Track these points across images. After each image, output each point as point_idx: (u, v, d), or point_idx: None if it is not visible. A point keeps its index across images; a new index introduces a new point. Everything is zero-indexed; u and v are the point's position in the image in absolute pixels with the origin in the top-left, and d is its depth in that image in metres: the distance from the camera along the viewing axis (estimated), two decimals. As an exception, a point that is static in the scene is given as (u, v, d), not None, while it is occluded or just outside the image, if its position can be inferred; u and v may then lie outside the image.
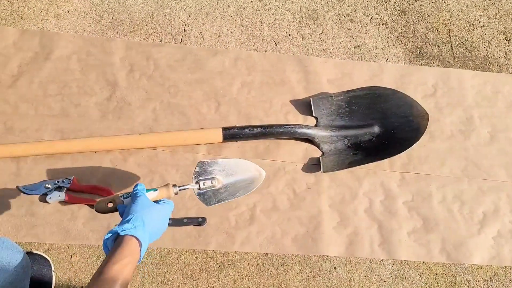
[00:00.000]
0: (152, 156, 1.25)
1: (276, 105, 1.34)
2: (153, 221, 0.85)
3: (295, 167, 1.27)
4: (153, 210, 0.87)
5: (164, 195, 0.97)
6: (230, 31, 1.44)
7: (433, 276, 1.19)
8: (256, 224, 1.20)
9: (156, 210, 0.88)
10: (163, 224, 0.89)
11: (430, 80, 1.41)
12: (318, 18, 1.48)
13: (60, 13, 1.41)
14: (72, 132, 1.26)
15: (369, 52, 1.44)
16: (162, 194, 0.97)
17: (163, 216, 0.90)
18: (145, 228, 0.81)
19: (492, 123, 1.37)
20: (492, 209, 1.26)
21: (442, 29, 1.50)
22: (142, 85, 1.33)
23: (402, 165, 1.29)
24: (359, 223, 1.22)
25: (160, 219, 0.88)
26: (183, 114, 1.31)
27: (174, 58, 1.37)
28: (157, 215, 0.87)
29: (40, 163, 1.21)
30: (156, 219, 0.86)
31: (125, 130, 1.27)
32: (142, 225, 0.81)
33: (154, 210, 0.88)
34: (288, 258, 1.19)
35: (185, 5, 1.46)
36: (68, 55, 1.35)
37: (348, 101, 1.33)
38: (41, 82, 1.31)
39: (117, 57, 1.36)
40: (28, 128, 1.25)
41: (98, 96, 1.31)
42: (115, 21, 1.42)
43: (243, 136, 1.24)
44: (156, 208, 0.89)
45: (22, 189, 1.17)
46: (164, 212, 0.91)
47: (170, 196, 0.98)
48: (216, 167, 1.06)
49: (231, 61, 1.39)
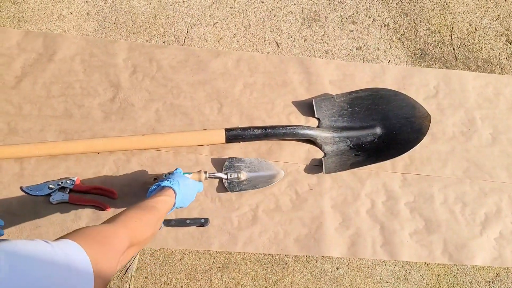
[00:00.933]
0: (155, 157, 1.26)
1: (279, 106, 1.35)
2: (185, 188, 1.03)
3: (298, 168, 1.27)
4: (187, 181, 1.07)
5: (196, 178, 1.17)
6: (233, 33, 1.44)
7: (435, 277, 1.20)
8: (258, 224, 1.20)
9: (188, 181, 1.07)
10: (191, 195, 1.08)
11: (432, 82, 1.41)
12: (320, 20, 1.49)
13: (63, 14, 1.42)
14: (76, 133, 1.26)
15: (371, 54, 1.45)
16: (194, 176, 1.17)
17: (192, 188, 1.09)
18: (180, 188, 1.00)
19: (494, 125, 1.37)
20: (494, 210, 1.27)
21: (444, 31, 1.51)
22: (145, 86, 1.33)
23: (404, 166, 1.30)
24: (361, 224, 1.23)
25: (190, 189, 1.07)
26: (186, 115, 1.31)
27: (176, 59, 1.38)
28: (188, 185, 1.06)
29: (44, 164, 1.22)
30: (187, 187, 1.05)
31: (128, 131, 1.28)
32: (177, 185, 1.00)
33: (187, 181, 1.07)
34: (290, 259, 1.19)
35: (188, 7, 1.47)
36: (72, 56, 1.35)
37: (350, 102, 1.33)
38: (45, 83, 1.31)
39: (120, 58, 1.37)
40: (31, 128, 1.26)
41: (101, 97, 1.31)
42: (118, 22, 1.43)
43: (245, 137, 1.25)
44: (188, 180, 1.08)
45: (26, 190, 1.17)
46: (194, 186, 1.09)
47: (201, 180, 1.17)
48: (242, 163, 1.25)
49: (234, 63, 1.39)
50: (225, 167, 1.24)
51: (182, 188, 1.01)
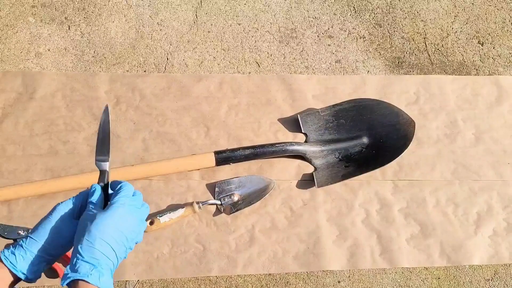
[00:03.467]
0: (146, 187, 1.24)
1: (265, 125, 1.35)
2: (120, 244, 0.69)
3: (290, 185, 1.28)
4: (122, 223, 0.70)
5: (190, 211, 1.18)
6: (213, 56, 1.46)
7: (436, 281, 1.20)
8: (256, 245, 1.20)
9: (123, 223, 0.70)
10: (132, 239, 0.71)
11: (412, 88, 1.44)
12: (298, 37, 1.51)
13: (40, 51, 1.41)
14: (62, 170, 1.24)
15: (350, 66, 1.48)
16: (188, 210, 1.17)
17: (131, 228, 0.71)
18: (104, 269, 0.66)
19: (475, 125, 1.40)
20: (486, 208, 1.29)
21: (418, 38, 1.55)
22: (129, 117, 1.33)
23: (394, 173, 1.31)
24: (358, 235, 1.23)
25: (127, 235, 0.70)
26: (173, 141, 1.31)
27: (159, 87, 1.38)
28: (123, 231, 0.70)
29: (33, 204, 1.19)
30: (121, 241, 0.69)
31: (116, 162, 1.26)
32: (99, 269, 0.66)
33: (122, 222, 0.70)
34: (291, 277, 1.18)
35: (166, 34, 1.48)
36: (52, 93, 1.34)
37: (335, 115, 1.35)
38: (27, 122, 1.29)
39: (102, 90, 1.36)
40: (16, 169, 1.23)
41: (86, 131, 1.30)
42: (97, 55, 1.42)
43: (235, 158, 1.25)
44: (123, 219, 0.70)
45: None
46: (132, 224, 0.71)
47: (195, 212, 1.18)
48: (232, 185, 1.25)
49: (216, 86, 1.40)
50: (217, 193, 1.24)
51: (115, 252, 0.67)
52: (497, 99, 1.45)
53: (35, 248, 0.68)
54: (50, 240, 0.68)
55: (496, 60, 1.53)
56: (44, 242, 0.68)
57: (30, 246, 0.68)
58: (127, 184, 0.75)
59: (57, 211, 0.71)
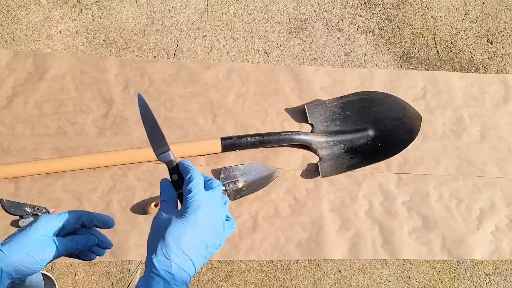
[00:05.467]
0: (152, 170, 1.26)
1: (272, 114, 1.36)
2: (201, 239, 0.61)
3: (294, 174, 1.29)
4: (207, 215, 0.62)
5: None
6: (222, 45, 1.46)
7: (436, 274, 1.21)
8: (259, 231, 1.21)
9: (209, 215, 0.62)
10: (215, 238, 0.63)
11: (419, 83, 1.45)
12: (307, 29, 1.52)
13: (52, 33, 1.42)
14: (70, 150, 1.26)
15: (359, 59, 1.48)
16: None
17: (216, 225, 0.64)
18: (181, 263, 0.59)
19: (481, 122, 1.41)
20: (488, 205, 1.29)
21: (427, 34, 1.55)
22: (137, 101, 1.33)
23: (399, 166, 1.32)
24: (360, 226, 1.24)
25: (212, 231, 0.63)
26: (180, 127, 1.32)
27: (168, 73, 1.39)
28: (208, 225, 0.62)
29: (39, 182, 1.21)
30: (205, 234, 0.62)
31: (123, 145, 1.28)
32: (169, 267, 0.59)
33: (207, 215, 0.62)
34: (293, 264, 1.19)
35: (176, 21, 1.48)
36: (62, 74, 1.35)
37: (342, 106, 1.35)
38: (36, 102, 1.31)
39: (111, 74, 1.37)
40: (25, 148, 1.25)
41: (94, 113, 1.31)
42: (107, 39, 1.43)
43: (241, 145, 1.26)
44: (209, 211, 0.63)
45: (5, 203, 1.15)
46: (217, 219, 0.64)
47: None
48: (237, 171, 1.25)
49: (225, 74, 1.41)
50: (222, 179, 1.24)
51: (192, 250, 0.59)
52: (504, 98, 1.45)
53: (3, 263, 0.58)
54: (21, 257, 0.59)
55: (505, 59, 1.53)
56: (15, 258, 0.59)
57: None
58: (196, 175, 0.64)
59: (38, 225, 0.62)
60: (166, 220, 0.59)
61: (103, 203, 1.21)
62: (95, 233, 0.69)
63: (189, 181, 0.62)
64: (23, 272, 0.60)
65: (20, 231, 0.62)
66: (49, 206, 1.17)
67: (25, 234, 0.61)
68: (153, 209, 1.17)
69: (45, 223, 0.63)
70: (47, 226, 0.63)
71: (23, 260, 0.59)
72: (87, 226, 0.68)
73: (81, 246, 0.66)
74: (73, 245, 0.65)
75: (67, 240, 0.64)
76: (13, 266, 0.59)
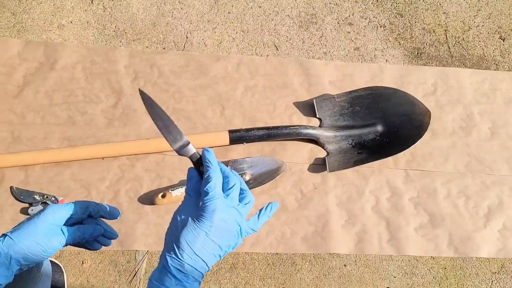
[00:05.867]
0: (159, 161, 1.26)
1: (280, 107, 1.36)
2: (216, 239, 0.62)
3: (301, 168, 1.29)
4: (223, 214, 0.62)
5: None
6: (232, 37, 1.46)
7: (442, 270, 1.21)
8: (265, 224, 1.20)
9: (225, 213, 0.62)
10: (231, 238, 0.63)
11: (430, 79, 1.44)
12: (317, 22, 1.51)
13: (63, 24, 1.43)
14: (79, 140, 1.27)
15: (369, 54, 1.47)
16: None
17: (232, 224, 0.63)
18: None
19: (492, 119, 1.39)
20: (497, 203, 1.28)
21: (439, 30, 1.54)
22: (147, 92, 1.33)
23: (407, 162, 1.31)
24: (366, 221, 1.24)
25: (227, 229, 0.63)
26: (189, 119, 1.32)
27: (177, 64, 1.39)
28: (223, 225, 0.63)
29: (49, 171, 1.22)
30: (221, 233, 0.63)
31: (132, 136, 1.28)
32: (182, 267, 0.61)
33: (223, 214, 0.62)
34: (298, 257, 1.20)
35: (186, 13, 1.49)
36: (73, 64, 1.36)
37: (351, 101, 1.35)
38: (47, 91, 1.32)
39: (121, 65, 1.38)
40: (35, 137, 1.26)
41: (103, 103, 1.32)
42: (118, 30, 1.44)
43: (249, 138, 1.26)
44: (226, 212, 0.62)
45: (15, 191, 1.17)
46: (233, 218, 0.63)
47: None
48: (244, 164, 1.25)
49: (234, 66, 1.41)
50: None
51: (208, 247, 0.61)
52: (515, 95, 1.44)
53: (12, 250, 0.60)
54: (30, 245, 0.61)
55: (517, 56, 1.51)
56: (24, 245, 0.61)
57: (7, 247, 0.60)
58: (213, 174, 0.63)
59: (46, 214, 0.64)
60: (183, 220, 0.61)
61: (111, 192, 1.22)
62: (101, 224, 0.72)
63: (207, 182, 0.62)
64: (31, 259, 0.62)
65: (28, 219, 0.64)
66: (58, 194, 1.19)
67: (33, 223, 0.63)
68: (161, 200, 1.17)
69: (53, 213, 0.65)
70: (55, 215, 0.65)
71: (31, 247, 0.61)
72: (93, 217, 0.71)
73: (87, 236, 0.68)
74: (80, 235, 0.67)
75: (74, 230, 0.66)
76: (21, 254, 0.61)
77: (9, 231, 0.62)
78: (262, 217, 0.68)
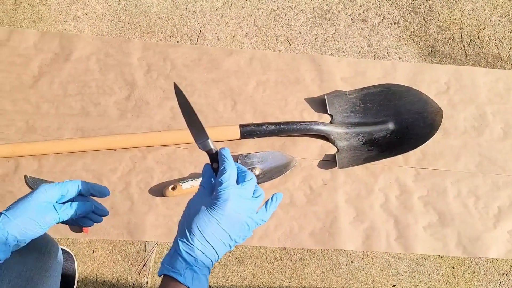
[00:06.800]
0: (171, 154, 1.28)
1: (291, 103, 1.36)
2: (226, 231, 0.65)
3: (311, 163, 1.29)
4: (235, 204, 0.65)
5: None
6: (245, 32, 1.47)
7: (449, 270, 1.21)
8: (273, 219, 1.22)
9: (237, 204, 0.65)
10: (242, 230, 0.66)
11: (443, 78, 1.43)
12: (331, 18, 1.51)
13: (78, 15, 1.45)
14: (92, 131, 1.29)
15: (382, 51, 1.47)
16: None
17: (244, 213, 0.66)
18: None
19: (505, 119, 1.38)
20: (508, 203, 1.28)
21: (454, 28, 1.52)
22: (159, 85, 1.36)
23: (417, 160, 1.31)
24: (375, 218, 1.24)
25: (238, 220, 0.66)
26: (200, 112, 1.33)
27: (190, 58, 1.40)
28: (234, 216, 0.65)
29: (62, 161, 1.24)
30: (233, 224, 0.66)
31: (144, 128, 1.30)
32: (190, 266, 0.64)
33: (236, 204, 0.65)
34: (305, 253, 1.20)
35: (200, 7, 1.49)
36: (87, 56, 1.38)
37: (362, 98, 1.35)
38: (61, 82, 1.34)
39: (134, 57, 1.39)
40: (49, 127, 1.28)
41: (117, 95, 1.33)
42: (132, 23, 1.45)
43: (260, 133, 1.26)
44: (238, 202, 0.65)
45: (29, 180, 1.19)
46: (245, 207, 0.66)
47: None
48: (254, 159, 1.26)
49: (246, 61, 1.41)
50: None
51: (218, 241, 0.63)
52: (530, 96, 1.42)
53: (8, 226, 0.64)
54: (24, 221, 0.66)
55: (533, 56, 1.49)
56: (19, 222, 0.65)
57: (3, 224, 0.64)
58: (229, 167, 0.66)
59: (38, 193, 0.68)
60: (196, 207, 0.64)
61: (122, 183, 1.24)
62: (92, 201, 0.76)
63: (222, 173, 0.65)
64: (27, 234, 0.66)
65: (22, 198, 0.68)
66: (71, 184, 1.21)
67: (26, 201, 0.67)
68: (171, 192, 1.19)
69: (45, 191, 0.69)
70: (47, 193, 0.69)
71: (26, 223, 0.66)
72: (84, 195, 0.75)
73: (79, 212, 0.72)
74: (72, 211, 0.71)
75: (66, 206, 0.71)
76: (17, 229, 0.65)
77: (4, 209, 0.67)
78: (270, 208, 0.70)
